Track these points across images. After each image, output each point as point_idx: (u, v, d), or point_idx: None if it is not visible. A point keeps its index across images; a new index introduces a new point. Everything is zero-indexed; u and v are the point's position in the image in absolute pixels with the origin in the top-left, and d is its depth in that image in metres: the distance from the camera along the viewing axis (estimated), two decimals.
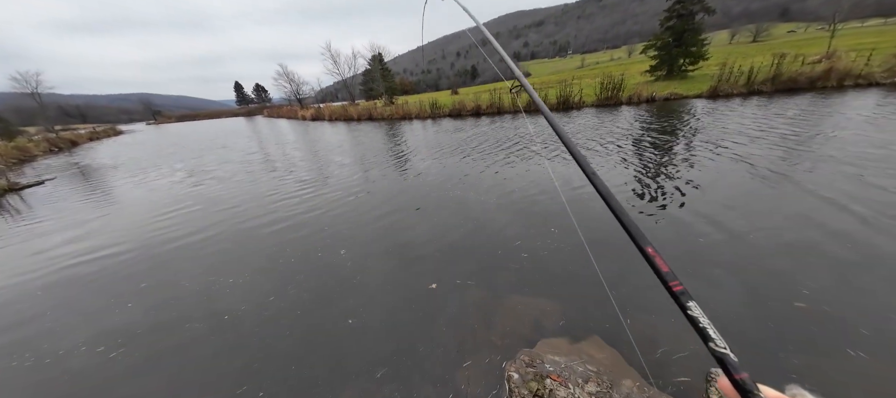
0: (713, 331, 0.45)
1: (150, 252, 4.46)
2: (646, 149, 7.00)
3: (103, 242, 4.95)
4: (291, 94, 45.51)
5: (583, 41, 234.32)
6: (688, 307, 0.47)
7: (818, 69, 11.77)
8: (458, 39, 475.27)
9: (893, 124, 6.51)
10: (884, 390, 1.81)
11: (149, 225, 5.46)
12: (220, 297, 3.31)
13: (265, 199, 6.22)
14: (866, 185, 4.13)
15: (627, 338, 2.30)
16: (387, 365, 2.33)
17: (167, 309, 3.21)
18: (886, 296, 2.41)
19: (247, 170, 9.26)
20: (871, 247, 2.95)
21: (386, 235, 4.34)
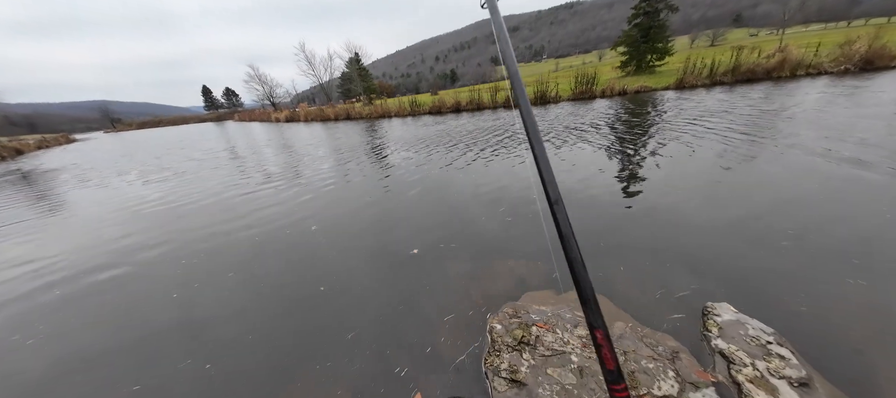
0: None
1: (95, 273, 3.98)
2: (620, 129, 7.20)
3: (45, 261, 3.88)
4: (264, 97, 43.71)
5: (556, 46, 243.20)
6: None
7: (773, 61, 12.71)
8: (437, 44, 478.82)
9: (843, 102, 7.06)
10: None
11: (97, 238, 4.92)
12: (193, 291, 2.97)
13: (228, 194, 5.81)
14: (831, 147, 4.38)
15: (618, 288, 2.22)
16: (360, 327, 2.12)
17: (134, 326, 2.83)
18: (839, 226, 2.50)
19: (211, 166, 8.68)
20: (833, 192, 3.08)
21: (363, 217, 4.12)
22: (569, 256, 0.49)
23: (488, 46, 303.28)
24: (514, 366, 1.65)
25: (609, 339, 0.45)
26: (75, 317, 2.57)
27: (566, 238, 0.49)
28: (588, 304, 0.47)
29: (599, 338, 0.43)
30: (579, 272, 0.47)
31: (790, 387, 1.44)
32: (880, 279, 1.99)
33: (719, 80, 13.25)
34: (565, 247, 0.49)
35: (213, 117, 66.84)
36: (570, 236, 0.50)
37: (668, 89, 13.90)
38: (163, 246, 3.68)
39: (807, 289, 1.99)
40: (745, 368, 1.52)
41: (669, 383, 1.49)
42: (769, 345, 1.62)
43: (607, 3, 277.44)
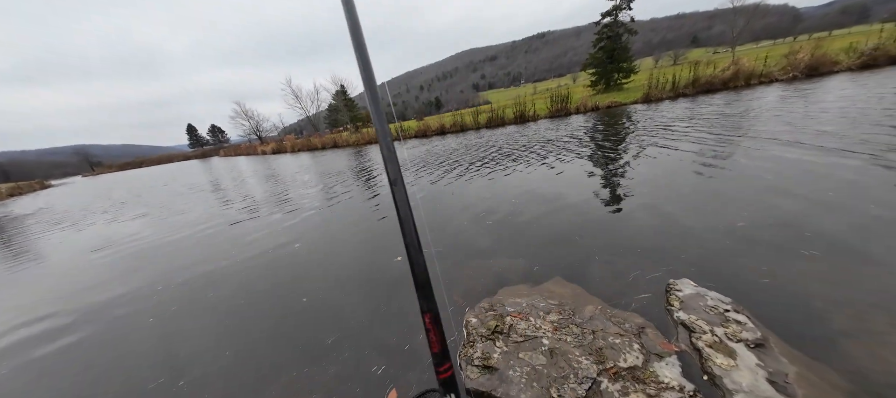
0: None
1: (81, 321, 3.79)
2: (598, 138, 7.57)
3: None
4: (251, 131, 43.88)
5: (532, 71, 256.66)
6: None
7: (728, 73, 13.81)
8: (421, 74, 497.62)
9: (794, 104, 7.69)
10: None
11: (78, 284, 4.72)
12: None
13: (208, 225, 5.73)
14: (784, 145, 4.74)
15: (589, 275, 2.30)
16: (340, 333, 2.11)
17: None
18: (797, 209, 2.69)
19: (190, 199, 8.55)
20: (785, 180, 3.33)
21: (349, 231, 4.14)
22: (405, 239, 0.46)
23: (469, 75, 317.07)
24: (487, 353, 1.67)
25: (437, 323, 0.43)
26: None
27: (404, 220, 0.46)
28: (420, 288, 0.44)
29: (428, 322, 0.41)
30: (414, 255, 0.45)
31: (747, 348, 1.52)
32: (830, 249, 2.14)
33: (682, 93, 14.24)
34: (403, 228, 0.47)
35: (198, 154, 66.01)
36: (408, 218, 0.46)
37: (636, 103, 14.78)
38: (139, 287, 3.58)
39: (762, 262, 2.12)
40: (704, 335, 1.60)
41: (635, 355, 1.54)
42: (727, 313, 1.71)
43: (575, 32, 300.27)
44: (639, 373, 1.45)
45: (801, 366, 1.40)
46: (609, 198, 3.74)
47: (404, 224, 0.46)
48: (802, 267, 2.02)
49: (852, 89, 8.01)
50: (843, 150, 3.90)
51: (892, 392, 1.23)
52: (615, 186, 4.10)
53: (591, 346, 1.62)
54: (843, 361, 1.39)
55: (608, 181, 4.37)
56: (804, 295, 1.79)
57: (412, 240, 0.46)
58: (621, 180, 4.28)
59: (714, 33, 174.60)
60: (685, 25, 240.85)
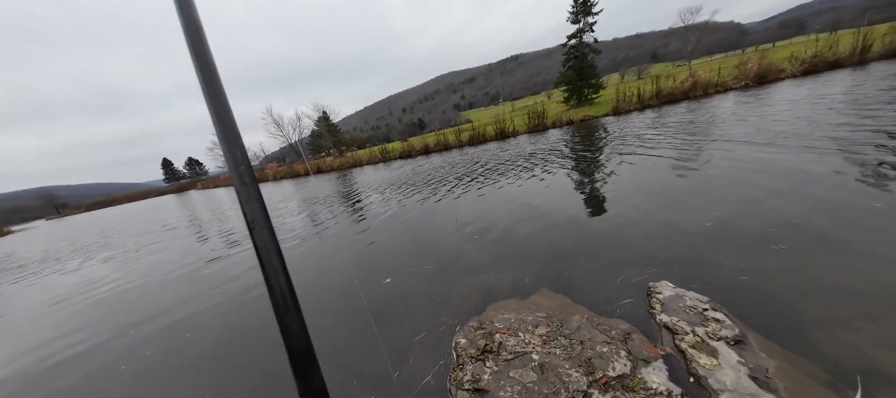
0: None
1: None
2: (576, 152, 7.85)
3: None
4: None
5: (509, 90, 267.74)
6: None
7: (687, 84, 14.87)
8: (402, 97, 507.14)
9: (747, 109, 8.31)
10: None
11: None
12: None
13: (181, 264, 5.44)
14: (746, 147, 5.07)
15: (574, 284, 2.32)
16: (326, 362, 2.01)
17: None
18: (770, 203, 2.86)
19: (164, 238, 8.13)
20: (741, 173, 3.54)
21: (335, 255, 4.02)
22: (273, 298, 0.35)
23: (450, 96, 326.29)
24: (477, 375, 1.63)
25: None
26: None
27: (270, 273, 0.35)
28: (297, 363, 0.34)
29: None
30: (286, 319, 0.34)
31: (727, 346, 1.55)
32: (797, 242, 2.26)
33: (648, 104, 15.16)
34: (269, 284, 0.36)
35: (174, 188, 63.26)
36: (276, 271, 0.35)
37: (607, 116, 15.58)
38: (105, 341, 3.30)
39: (734, 259, 2.21)
40: (686, 336, 1.63)
41: (622, 363, 1.54)
42: (705, 312, 1.75)
43: (545, 53, 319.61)
44: (628, 381, 1.45)
45: (780, 359, 1.44)
46: (589, 206, 3.85)
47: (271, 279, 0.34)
48: (772, 261, 2.11)
49: (799, 93, 8.77)
50: (800, 147, 4.21)
51: (865, 377, 1.28)
52: (594, 194, 4.22)
53: (580, 357, 1.62)
54: (818, 351, 1.45)
55: (587, 190, 4.50)
56: (776, 288, 1.87)
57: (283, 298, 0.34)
58: (600, 188, 4.43)
59: (671, 49, 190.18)
60: (644, 43, 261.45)
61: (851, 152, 3.64)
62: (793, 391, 1.28)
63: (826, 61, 12.92)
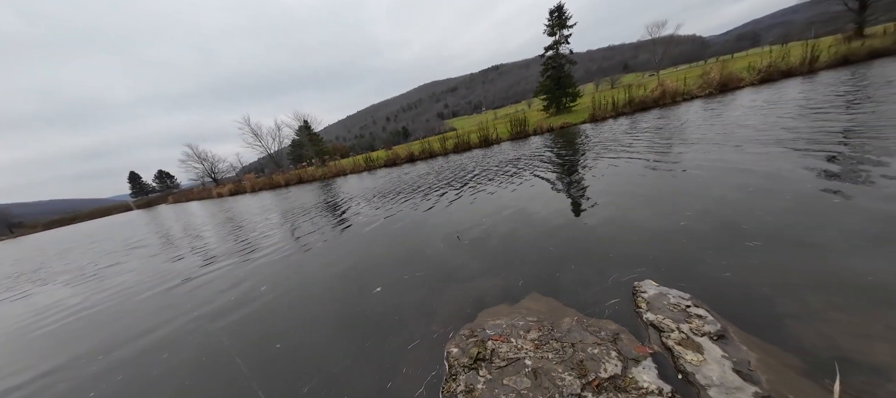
0: None
1: None
2: (558, 157, 8.06)
3: None
4: (205, 174, 40.82)
5: (491, 99, 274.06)
6: None
7: (656, 93, 15.72)
8: (386, 106, 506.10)
9: (713, 115, 8.86)
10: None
11: None
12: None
13: (152, 285, 5.10)
14: (716, 149, 5.37)
15: (563, 286, 2.34)
16: (317, 375, 1.91)
17: None
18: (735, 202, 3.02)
19: (129, 258, 7.60)
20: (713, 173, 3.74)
21: (320, 269, 3.88)
22: None
23: (433, 104, 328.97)
24: (471, 385, 1.59)
25: None
26: None
27: None
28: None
29: None
30: None
31: (711, 341, 1.60)
32: (769, 238, 2.39)
33: (622, 112, 15.89)
34: None
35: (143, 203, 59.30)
36: None
37: (585, 123, 16.18)
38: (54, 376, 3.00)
39: (713, 256, 2.31)
40: (672, 333, 1.66)
41: (613, 364, 1.55)
42: (688, 309, 1.81)
43: (524, 64, 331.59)
44: (619, 381, 1.46)
45: (760, 351, 1.50)
46: (573, 209, 3.93)
47: None
48: (748, 257, 2.22)
49: (758, 99, 9.45)
50: (763, 147, 4.50)
51: (841, 364, 1.34)
52: (577, 198, 4.33)
53: (572, 360, 1.62)
54: (794, 342, 1.51)
55: (571, 194, 4.61)
56: (751, 283, 1.96)
57: None
58: (582, 192, 4.54)
59: (640, 61, 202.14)
60: (616, 55, 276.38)
61: (808, 151, 3.94)
62: (774, 382, 1.33)
63: (780, 70, 14.05)
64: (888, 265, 1.85)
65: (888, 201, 2.48)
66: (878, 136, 3.96)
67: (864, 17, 20.73)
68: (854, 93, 7.10)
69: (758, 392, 1.30)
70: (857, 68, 11.49)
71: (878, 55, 13.33)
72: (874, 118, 4.75)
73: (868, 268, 1.86)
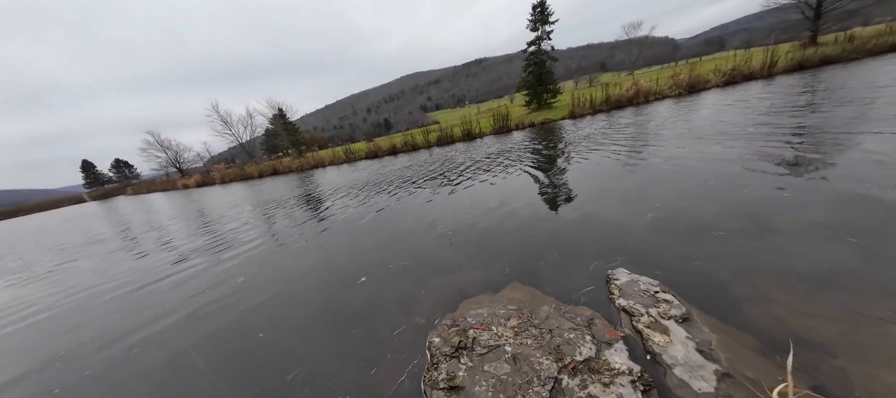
0: None
1: None
2: (539, 151, 8.22)
3: None
4: (168, 163, 38.16)
5: (475, 93, 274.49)
6: None
7: (631, 92, 16.35)
8: (367, 96, 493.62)
9: (680, 112, 9.34)
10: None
11: None
12: None
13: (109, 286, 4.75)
14: (680, 143, 5.66)
15: (542, 276, 2.41)
16: (302, 363, 1.89)
17: None
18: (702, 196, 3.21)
19: (78, 257, 7.03)
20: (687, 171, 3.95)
21: (300, 264, 3.76)
22: None
23: (416, 97, 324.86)
24: (452, 372, 1.61)
25: None
26: None
27: None
28: None
29: None
30: None
31: (677, 324, 1.70)
32: (729, 228, 2.56)
33: (599, 109, 16.42)
34: None
35: (98, 195, 54.44)
36: None
37: (564, 119, 16.59)
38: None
39: (680, 244, 2.45)
40: (642, 317, 1.76)
41: (588, 347, 1.62)
42: (656, 294, 1.91)
43: (507, 59, 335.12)
44: (593, 363, 1.53)
45: (720, 332, 1.62)
46: (553, 202, 4.03)
47: None
48: (712, 245, 2.37)
49: (723, 100, 10.06)
50: (727, 143, 4.80)
51: (786, 343, 1.47)
52: (557, 191, 4.44)
53: (550, 345, 1.67)
54: (749, 323, 1.64)
55: (551, 186, 4.73)
56: (714, 270, 2.10)
57: None
58: (562, 185, 4.67)
59: (617, 61, 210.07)
60: (594, 54, 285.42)
61: (766, 148, 4.25)
62: (732, 359, 1.44)
63: (743, 74, 15.01)
64: (832, 253, 2.04)
65: (832, 196, 2.73)
66: (827, 137, 4.33)
67: (819, 25, 22.48)
68: (806, 96, 7.71)
69: (717, 369, 1.40)
70: (810, 74, 12.47)
71: (828, 62, 14.54)
72: (823, 120, 5.19)
73: (814, 256, 2.04)
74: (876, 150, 3.50)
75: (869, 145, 3.69)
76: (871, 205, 2.46)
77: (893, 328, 1.46)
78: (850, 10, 22.79)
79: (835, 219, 2.38)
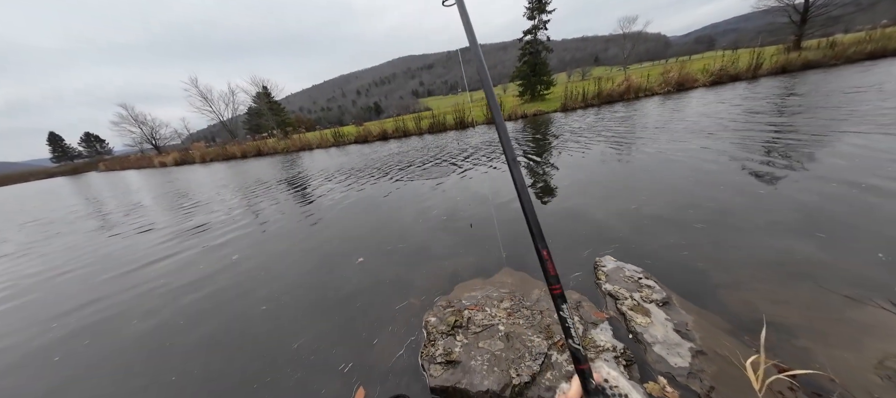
0: (574, 330, 0.57)
1: None
2: (531, 143, 8.29)
3: None
4: (144, 139, 36.29)
5: (468, 81, 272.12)
6: (561, 309, 0.58)
7: (622, 87, 16.56)
8: (357, 78, 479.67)
9: (668, 109, 9.57)
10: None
11: None
12: None
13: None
14: (666, 136, 5.83)
15: (533, 262, 2.50)
16: (302, 336, 2.00)
17: None
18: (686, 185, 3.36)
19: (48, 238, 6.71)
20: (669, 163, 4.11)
21: (295, 246, 3.74)
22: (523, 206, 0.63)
23: (408, 81, 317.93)
24: (449, 349, 1.68)
25: (550, 255, 0.59)
26: None
27: (520, 190, 0.64)
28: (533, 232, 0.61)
29: (545, 255, 0.59)
30: (529, 212, 0.62)
31: (657, 307, 1.82)
32: (709, 220, 2.70)
33: (590, 103, 16.62)
34: (521, 198, 0.64)
35: (68, 170, 51.39)
36: (523, 188, 0.64)
37: (556, 111, 16.71)
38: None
39: (664, 235, 2.58)
40: (626, 301, 1.87)
41: (575, 327, 1.72)
42: (640, 280, 2.03)
43: (502, 47, 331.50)
44: (580, 341, 1.63)
45: (696, 315, 1.74)
46: (544, 192, 4.13)
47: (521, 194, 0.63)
48: (692, 236, 2.51)
49: (708, 99, 10.35)
50: (712, 141, 4.99)
51: (755, 324, 1.61)
52: (548, 182, 4.54)
53: (541, 325, 1.76)
54: (721, 307, 1.78)
55: (542, 177, 4.82)
56: (693, 259, 2.24)
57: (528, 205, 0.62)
58: (552, 176, 4.77)
59: (610, 54, 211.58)
60: (588, 47, 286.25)
61: (746, 147, 4.45)
62: (706, 339, 1.57)
63: (729, 74, 15.42)
64: (799, 246, 2.20)
65: (804, 194, 2.91)
66: (802, 138, 4.56)
67: (804, 30, 23.15)
68: (787, 99, 8.04)
69: (692, 347, 1.52)
70: (792, 77, 12.93)
71: (810, 67, 15.07)
72: (800, 123, 5.45)
73: (785, 248, 2.20)
74: (846, 153, 3.73)
75: (840, 147, 3.93)
76: (839, 203, 2.65)
77: (850, 313, 1.61)
78: (833, 17, 23.55)
79: (806, 215, 2.55)
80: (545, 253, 0.59)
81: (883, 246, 2.05)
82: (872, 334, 1.48)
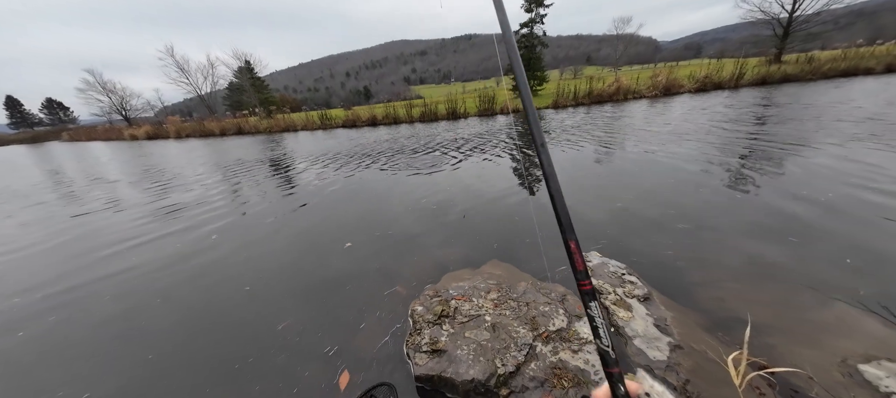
0: (603, 330, 0.50)
1: None
2: (523, 138, 8.31)
3: None
4: (112, 109, 33.96)
5: (461, 71, 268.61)
6: (590, 306, 0.52)
7: (613, 88, 16.82)
8: (347, 60, 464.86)
9: (655, 112, 9.81)
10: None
11: None
12: None
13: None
14: (651, 137, 5.97)
15: (520, 255, 2.52)
16: (286, 318, 1.94)
17: None
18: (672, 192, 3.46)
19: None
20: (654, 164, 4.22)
21: (280, 231, 3.62)
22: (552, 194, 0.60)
23: (400, 67, 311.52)
24: (435, 337, 1.68)
25: (579, 247, 0.55)
26: None
27: (549, 177, 0.61)
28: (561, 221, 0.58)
29: (573, 247, 0.55)
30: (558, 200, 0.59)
31: (639, 302, 1.88)
32: (690, 221, 2.80)
33: (581, 102, 16.81)
34: (549, 186, 0.60)
35: (27, 137, 47.55)
36: (552, 175, 0.60)
37: (548, 108, 16.82)
38: None
39: (647, 234, 2.65)
40: (610, 295, 1.92)
41: (560, 319, 1.75)
42: (623, 276, 2.08)
43: (497, 38, 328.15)
44: (564, 333, 1.66)
45: (675, 311, 1.81)
46: (532, 187, 4.16)
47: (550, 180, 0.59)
48: (673, 236, 2.59)
49: (693, 105, 10.66)
50: (694, 145, 5.15)
51: (729, 321, 1.68)
52: (536, 177, 4.57)
53: (526, 316, 1.78)
54: (698, 304, 1.85)
55: (531, 173, 4.85)
56: (673, 258, 2.31)
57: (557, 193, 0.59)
58: (541, 172, 4.80)
59: (602, 55, 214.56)
60: (582, 45, 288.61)
61: (725, 152, 4.62)
62: (683, 334, 1.63)
63: (713, 82, 15.91)
64: (771, 248, 2.31)
65: (777, 199, 3.06)
66: (777, 147, 4.78)
67: (785, 44, 24.10)
68: (764, 109, 8.38)
69: (671, 341, 1.58)
70: (771, 89, 13.48)
71: (788, 80, 15.74)
72: (776, 132, 5.70)
73: (758, 251, 2.31)
74: (818, 163, 3.93)
75: (812, 157, 4.14)
76: (809, 210, 2.80)
77: (813, 313, 1.71)
78: (813, 34, 24.60)
79: (779, 220, 2.69)
80: (573, 244, 0.54)
81: (850, 251, 2.18)
82: (838, 333, 1.58)
